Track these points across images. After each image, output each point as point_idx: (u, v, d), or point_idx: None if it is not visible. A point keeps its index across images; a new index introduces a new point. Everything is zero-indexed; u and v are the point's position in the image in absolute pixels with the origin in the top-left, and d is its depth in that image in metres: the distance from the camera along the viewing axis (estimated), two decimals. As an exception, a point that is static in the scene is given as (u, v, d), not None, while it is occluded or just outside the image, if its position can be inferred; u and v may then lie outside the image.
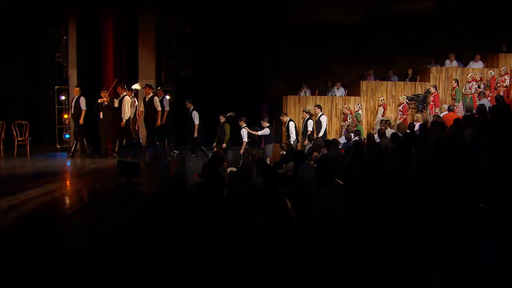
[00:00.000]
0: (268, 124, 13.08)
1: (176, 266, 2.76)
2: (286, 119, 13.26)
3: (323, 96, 15.21)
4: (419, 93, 14.82)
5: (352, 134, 12.06)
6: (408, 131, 10.82)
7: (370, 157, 7.82)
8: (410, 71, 16.38)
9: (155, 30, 14.80)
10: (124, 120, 11.33)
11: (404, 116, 13.97)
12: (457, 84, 14.33)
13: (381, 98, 14.61)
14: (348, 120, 14.10)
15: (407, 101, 14.32)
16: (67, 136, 13.19)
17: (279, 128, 14.88)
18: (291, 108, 14.70)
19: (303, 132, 13.38)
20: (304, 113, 13.40)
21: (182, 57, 15.77)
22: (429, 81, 15.03)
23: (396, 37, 17.13)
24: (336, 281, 3.46)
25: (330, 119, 14.52)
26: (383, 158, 7.29)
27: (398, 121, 13.60)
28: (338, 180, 5.60)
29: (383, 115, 14.22)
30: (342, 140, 11.93)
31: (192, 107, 13.00)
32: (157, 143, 12.70)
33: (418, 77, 15.59)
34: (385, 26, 17.00)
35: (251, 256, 3.34)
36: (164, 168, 10.22)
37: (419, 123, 11.47)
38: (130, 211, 5.62)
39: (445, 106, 13.26)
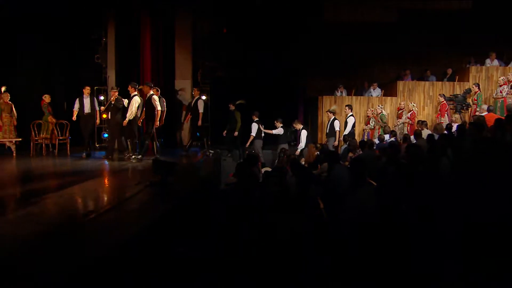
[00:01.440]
0: (282, 125, 13.22)
1: (207, 265, 2.82)
2: (299, 126, 13.22)
3: (359, 97, 15.11)
4: (457, 93, 14.51)
5: (387, 135, 11.94)
6: (445, 132, 10.64)
7: (406, 158, 7.74)
8: (449, 71, 16.03)
9: (192, 31, 15.00)
10: (127, 120, 10.94)
11: (442, 119, 13.65)
12: (479, 88, 13.78)
13: (402, 102, 14.37)
14: (371, 124, 13.89)
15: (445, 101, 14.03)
16: (106, 135, 13.49)
17: (315, 129, 14.88)
18: (327, 109, 14.61)
19: (328, 133, 13.31)
20: (329, 113, 13.33)
21: (218, 57, 15.90)
22: (468, 81, 14.70)
23: (435, 36, 16.80)
24: (367, 282, 3.46)
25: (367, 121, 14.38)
26: (419, 160, 7.20)
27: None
28: (371, 181, 5.57)
29: (401, 118, 14.00)
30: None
31: (234, 108, 13.39)
32: (193, 142, 12.95)
33: (457, 77, 15.28)
34: (423, 24, 16.74)
35: (282, 256, 3.38)
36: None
37: (457, 124, 11.26)
38: (163, 210, 5.76)
39: (485, 107, 12.92)
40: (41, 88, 13.44)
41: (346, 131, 13.05)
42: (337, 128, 13.00)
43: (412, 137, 11.08)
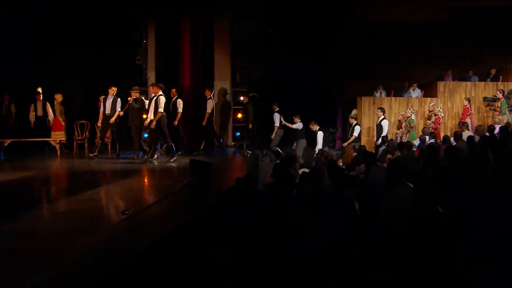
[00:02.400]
0: (300, 121, 13.26)
1: (240, 266, 2.87)
2: (315, 127, 13.22)
3: (398, 97, 14.89)
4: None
5: (427, 137, 11.76)
6: (487, 133, 10.40)
7: (445, 161, 7.62)
8: (493, 71, 15.52)
9: (230, 32, 15.16)
10: (154, 120, 10.87)
11: (467, 121, 13.27)
12: (503, 95, 13.19)
13: (432, 103, 14.06)
14: (403, 128, 13.64)
15: (488, 102, 13.66)
16: (146, 135, 13.76)
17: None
18: (365, 110, 14.47)
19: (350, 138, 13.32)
20: (351, 118, 13.23)
21: (256, 58, 15.99)
22: (513, 81, 14.29)
23: (479, 35, 16.35)
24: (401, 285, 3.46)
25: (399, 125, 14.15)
26: (458, 162, 7.08)
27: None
28: (408, 184, 5.51)
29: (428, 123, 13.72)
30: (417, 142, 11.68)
31: (276, 109, 13.46)
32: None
33: (501, 77, 14.86)
34: (467, 23, 16.33)
35: (315, 257, 3.41)
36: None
37: (500, 126, 10.99)
38: (198, 210, 5.88)
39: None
40: (78, 88, 13.92)
41: (384, 134, 12.95)
42: (355, 133, 13.11)
43: (452, 138, 10.88)
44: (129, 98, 11.51)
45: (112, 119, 11.31)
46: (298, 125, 13.25)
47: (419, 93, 15.13)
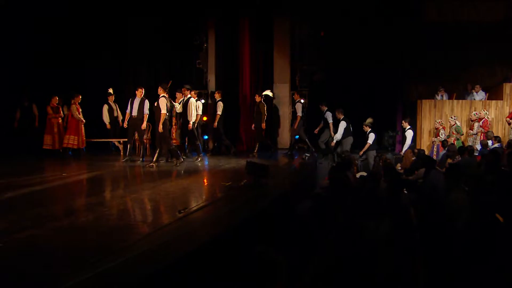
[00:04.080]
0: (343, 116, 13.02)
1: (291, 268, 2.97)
2: (340, 116, 13.05)
3: (460, 100, 14.48)
4: None
5: (490, 141, 11.42)
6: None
7: (508, 166, 7.44)
8: None
9: (290, 36, 15.28)
10: (191, 123, 11.08)
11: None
12: None
13: (474, 112, 13.54)
14: (441, 136, 13.14)
15: None
16: (206, 137, 14.11)
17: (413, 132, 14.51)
18: (426, 113, 14.18)
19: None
20: (365, 126, 12.94)
21: (316, 61, 15.98)
22: None
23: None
24: None
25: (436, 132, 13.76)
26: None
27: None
28: (466, 189, 5.46)
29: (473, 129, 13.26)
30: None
31: (326, 109, 13.35)
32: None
33: None
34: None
35: (367, 261, 3.47)
36: None
37: None
38: (251, 211, 6.03)
39: None
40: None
41: (406, 146, 12.81)
42: (369, 141, 12.78)
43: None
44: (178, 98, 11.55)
45: (144, 125, 10.82)
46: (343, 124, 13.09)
47: (483, 95, 14.64)
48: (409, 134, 13.09)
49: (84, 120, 12.63)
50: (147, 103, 10.85)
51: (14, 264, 3.96)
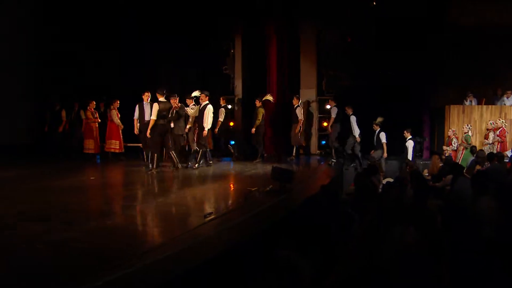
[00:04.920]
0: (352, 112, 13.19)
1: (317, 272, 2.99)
2: (349, 111, 13.20)
3: (490, 106, 14.22)
4: None
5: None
6: None
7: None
8: None
9: (316, 41, 15.32)
10: (206, 130, 10.87)
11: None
12: None
13: (490, 122, 13.23)
14: (453, 145, 12.93)
15: None
16: (232, 142, 14.19)
17: (441, 140, 14.34)
18: (454, 119, 13.95)
19: (375, 146, 13.09)
20: (375, 125, 12.79)
21: (343, 66, 15.95)
22: None
23: None
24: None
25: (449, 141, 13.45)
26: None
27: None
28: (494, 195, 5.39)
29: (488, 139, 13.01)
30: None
31: (351, 113, 13.29)
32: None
33: None
34: None
35: (392, 267, 3.47)
36: None
37: None
38: (279, 216, 6.08)
39: None
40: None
41: (409, 157, 12.69)
42: (383, 140, 12.84)
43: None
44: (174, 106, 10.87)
45: (148, 132, 10.37)
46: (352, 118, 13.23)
47: (515, 101, 14.35)
48: (410, 144, 12.84)
49: (122, 126, 12.84)
50: (156, 106, 10.55)
51: (49, 263, 4.12)
